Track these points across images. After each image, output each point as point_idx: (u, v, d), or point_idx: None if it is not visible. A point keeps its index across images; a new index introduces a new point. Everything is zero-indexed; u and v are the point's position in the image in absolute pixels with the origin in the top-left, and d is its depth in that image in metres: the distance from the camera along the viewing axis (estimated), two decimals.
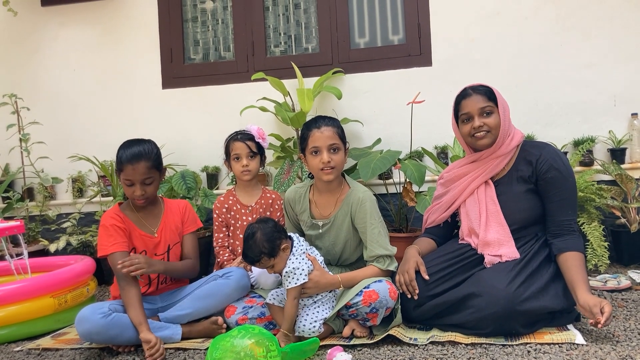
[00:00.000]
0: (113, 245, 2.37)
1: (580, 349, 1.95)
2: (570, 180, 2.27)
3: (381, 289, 2.19)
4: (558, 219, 2.26)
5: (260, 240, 2.20)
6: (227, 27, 3.94)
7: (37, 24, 4.07)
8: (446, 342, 2.10)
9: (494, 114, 2.31)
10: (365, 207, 2.36)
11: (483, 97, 2.33)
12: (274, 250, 2.21)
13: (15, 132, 3.77)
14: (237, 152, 2.72)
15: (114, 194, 3.59)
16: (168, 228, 2.55)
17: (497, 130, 2.31)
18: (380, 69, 3.67)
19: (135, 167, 2.38)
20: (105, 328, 2.17)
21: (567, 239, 2.22)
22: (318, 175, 2.38)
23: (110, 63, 3.99)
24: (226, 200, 2.79)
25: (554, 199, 2.26)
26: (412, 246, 2.46)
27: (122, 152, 2.42)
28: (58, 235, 3.65)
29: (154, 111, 3.92)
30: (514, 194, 2.32)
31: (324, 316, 2.22)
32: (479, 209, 2.36)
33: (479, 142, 2.34)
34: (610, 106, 3.43)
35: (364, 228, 2.36)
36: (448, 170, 2.56)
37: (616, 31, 3.41)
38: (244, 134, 2.76)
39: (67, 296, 2.68)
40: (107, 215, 2.47)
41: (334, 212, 2.45)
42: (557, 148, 2.39)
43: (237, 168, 2.73)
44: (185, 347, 2.26)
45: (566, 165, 2.28)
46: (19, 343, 2.50)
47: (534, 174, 2.28)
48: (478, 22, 3.56)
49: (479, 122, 2.31)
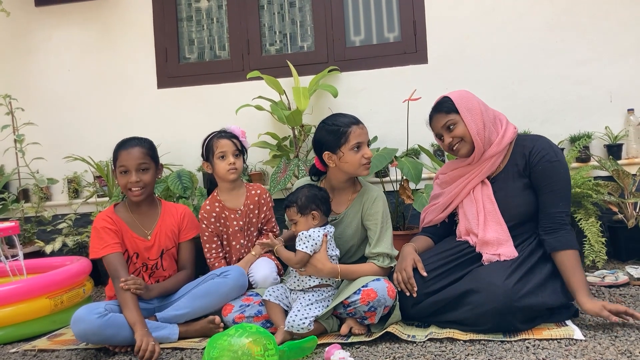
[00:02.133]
0: (104, 248, 2.37)
1: (579, 345, 1.94)
2: (562, 172, 2.25)
3: (380, 287, 2.18)
4: (549, 210, 2.23)
5: (303, 193, 2.32)
6: (222, 26, 3.93)
7: (31, 24, 4.05)
8: (444, 339, 2.10)
9: (458, 124, 2.31)
10: (378, 205, 2.39)
11: (441, 114, 2.34)
12: (304, 208, 2.30)
13: (10, 133, 3.76)
14: (224, 150, 2.60)
15: (109, 194, 3.58)
16: (163, 232, 2.54)
17: (468, 136, 2.31)
18: (376, 67, 3.66)
19: (129, 151, 2.41)
20: (102, 328, 2.15)
21: (558, 235, 2.19)
22: (358, 170, 2.37)
23: (105, 63, 3.98)
24: (212, 208, 2.65)
25: (546, 190, 2.24)
26: (408, 244, 2.44)
27: (119, 144, 2.48)
28: (54, 236, 3.63)
29: (150, 111, 3.90)
30: (510, 189, 2.30)
31: (316, 314, 2.21)
32: (476, 209, 2.35)
33: (459, 153, 2.36)
34: (606, 102, 3.43)
35: (375, 225, 2.38)
36: (443, 170, 2.55)
37: (612, 27, 3.41)
38: (227, 132, 2.68)
39: (63, 297, 2.67)
40: (99, 217, 2.46)
41: (345, 209, 2.46)
42: (551, 141, 2.36)
43: (222, 167, 2.60)
44: (183, 347, 2.24)
45: (559, 156, 2.26)
46: (15, 344, 2.48)
47: (527, 167, 2.28)
48: (473, 19, 3.56)
49: (448, 139, 2.34)
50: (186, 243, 2.60)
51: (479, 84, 3.44)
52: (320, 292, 2.30)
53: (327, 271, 2.27)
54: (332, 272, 2.28)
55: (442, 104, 2.37)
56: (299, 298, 2.28)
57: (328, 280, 2.32)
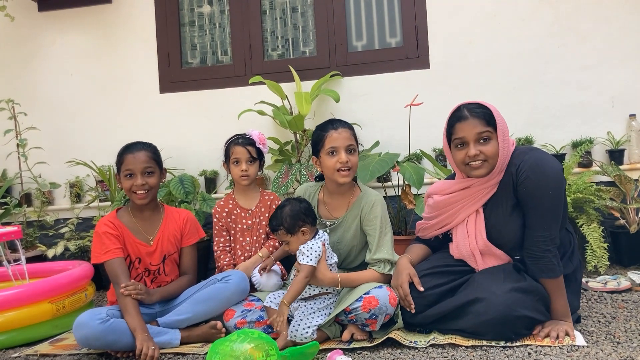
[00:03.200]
0: (106, 254, 2.39)
1: (581, 351, 1.94)
2: (549, 192, 2.02)
3: (381, 295, 2.18)
4: (533, 233, 2.06)
5: (286, 213, 2.29)
6: (224, 31, 3.94)
7: (35, 30, 4.06)
8: (446, 345, 2.09)
9: (492, 141, 2.07)
10: (376, 210, 2.38)
11: (481, 120, 2.07)
12: (292, 228, 2.28)
13: (13, 138, 3.76)
14: (237, 157, 2.73)
15: (112, 198, 3.58)
16: (165, 238, 2.54)
17: (494, 159, 2.07)
18: (378, 72, 3.67)
19: (135, 155, 2.44)
20: (103, 334, 2.16)
21: (540, 264, 2.06)
22: (333, 176, 2.35)
23: (108, 68, 3.99)
24: (226, 204, 2.80)
25: (530, 212, 2.06)
26: (403, 256, 2.34)
27: (124, 147, 2.50)
28: (56, 241, 3.63)
29: (152, 116, 3.91)
30: (502, 214, 2.15)
31: (319, 322, 2.21)
32: (469, 246, 2.22)
33: (474, 172, 2.11)
34: (608, 107, 3.42)
35: (374, 230, 2.37)
36: (437, 190, 2.32)
37: (614, 33, 3.41)
38: (245, 138, 2.76)
39: (65, 301, 2.67)
40: (100, 223, 2.47)
41: (344, 214, 2.45)
42: (546, 154, 2.11)
43: (236, 172, 2.74)
44: (184, 352, 2.24)
45: (547, 173, 2.02)
46: (17, 349, 2.48)
47: (515, 185, 2.08)
48: (475, 24, 3.56)
49: (475, 151, 2.07)
50: (189, 248, 2.60)
51: (481, 90, 3.45)
52: (321, 300, 2.30)
53: (328, 281, 2.27)
54: (333, 281, 2.28)
55: (480, 110, 2.09)
56: (300, 307, 2.28)
57: (329, 289, 2.32)
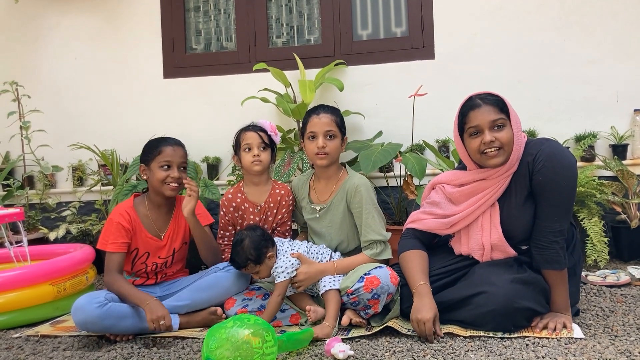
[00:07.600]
0: (112, 244, 2.42)
1: (578, 343, 1.95)
2: (563, 182, 2.02)
3: (382, 274, 2.21)
4: (543, 224, 2.08)
5: (248, 247, 2.30)
6: (229, 17, 3.93)
7: (38, 12, 4.05)
8: (445, 334, 2.10)
9: (506, 128, 2.07)
10: (360, 193, 2.43)
11: (494, 108, 2.08)
12: (260, 258, 2.32)
13: (16, 120, 3.77)
14: (249, 142, 2.59)
15: (114, 183, 3.59)
16: (176, 232, 2.57)
17: (509, 146, 2.07)
18: (383, 62, 3.65)
19: (175, 149, 2.51)
20: (100, 318, 2.17)
21: (545, 254, 2.08)
22: (313, 159, 2.48)
23: (112, 52, 3.98)
24: (234, 198, 2.67)
25: (543, 203, 2.07)
26: (425, 284, 2.16)
27: (159, 140, 2.55)
28: (58, 224, 3.64)
29: (155, 101, 3.90)
30: (514, 206, 2.14)
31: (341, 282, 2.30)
32: (481, 240, 2.19)
33: (490, 161, 2.08)
34: (612, 102, 3.41)
35: (359, 213, 2.43)
36: (446, 180, 2.28)
37: (620, 27, 3.39)
38: (255, 125, 2.67)
39: (66, 284, 2.69)
40: (116, 211, 2.50)
41: (331, 198, 2.52)
42: (562, 145, 2.13)
43: (247, 159, 2.59)
44: (184, 336, 2.26)
45: (563, 164, 2.02)
46: (18, 330, 2.51)
47: (529, 175, 2.08)
48: (481, 16, 3.54)
49: (490, 137, 2.06)
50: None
51: (485, 82, 3.43)
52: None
53: (320, 271, 2.34)
54: (326, 269, 2.34)
55: (492, 98, 2.10)
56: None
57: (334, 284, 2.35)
